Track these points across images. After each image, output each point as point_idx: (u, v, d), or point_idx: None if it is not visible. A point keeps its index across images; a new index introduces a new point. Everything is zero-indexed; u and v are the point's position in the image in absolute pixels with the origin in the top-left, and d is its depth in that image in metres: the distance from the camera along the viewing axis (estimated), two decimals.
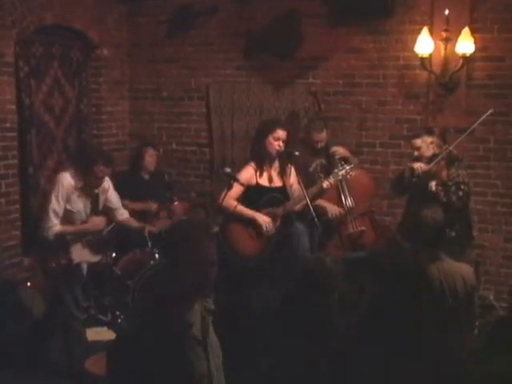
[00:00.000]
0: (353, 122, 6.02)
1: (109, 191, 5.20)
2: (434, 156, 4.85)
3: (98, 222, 5.08)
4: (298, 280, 3.30)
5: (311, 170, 5.38)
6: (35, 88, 5.88)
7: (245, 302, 4.47)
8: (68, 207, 4.90)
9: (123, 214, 5.34)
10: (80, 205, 4.96)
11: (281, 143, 4.87)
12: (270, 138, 4.87)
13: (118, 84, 6.78)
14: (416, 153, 4.99)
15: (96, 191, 5.06)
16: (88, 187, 4.98)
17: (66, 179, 4.89)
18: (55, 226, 4.85)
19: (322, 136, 5.38)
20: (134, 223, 5.38)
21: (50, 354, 4.70)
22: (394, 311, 2.73)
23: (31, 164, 5.84)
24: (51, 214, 4.83)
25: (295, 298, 3.23)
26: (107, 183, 5.16)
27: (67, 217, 4.94)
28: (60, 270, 4.81)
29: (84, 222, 5.02)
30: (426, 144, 4.94)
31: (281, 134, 4.87)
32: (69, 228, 4.93)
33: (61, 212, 4.86)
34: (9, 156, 5.56)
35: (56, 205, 4.84)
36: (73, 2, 6.07)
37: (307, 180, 5.00)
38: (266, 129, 4.95)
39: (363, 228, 5.23)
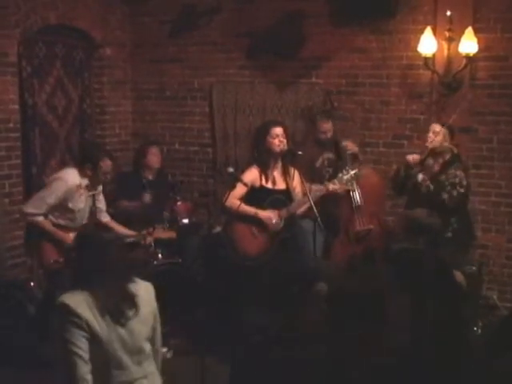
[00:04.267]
0: (356, 121, 6.02)
1: (100, 193, 5.15)
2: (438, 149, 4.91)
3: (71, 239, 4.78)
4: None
5: (318, 165, 5.36)
6: (38, 88, 5.88)
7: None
8: (70, 205, 4.82)
9: (106, 217, 5.21)
10: (81, 204, 4.89)
11: (281, 138, 4.85)
12: (269, 138, 4.85)
13: (120, 84, 6.78)
14: (431, 137, 4.98)
15: (95, 191, 4.99)
16: (94, 184, 4.93)
17: (73, 177, 4.81)
18: (39, 216, 4.75)
19: (327, 126, 5.39)
20: (123, 230, 5.12)
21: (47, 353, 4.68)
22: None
23: (34, 164, 5.83)
24: (42, 204, 4.73)
25: None
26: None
27: (67, 214, 4.85)
28: (56, 267, 4.68)
29: (67, 231, 4.82)
30: (443, 133, 4.95)
31: (277, 130, 4.86)
32: (48, 227, 4.79)
33: (50, 208, 4.76)
34: (12, 156, 5.57)
35: (52, 199, 4.73)
36: (76, 2, 6.09)
37: (314, 176, 4.97)
38: (262, 132, 4.94)
39: (371, 226, 5.23)
